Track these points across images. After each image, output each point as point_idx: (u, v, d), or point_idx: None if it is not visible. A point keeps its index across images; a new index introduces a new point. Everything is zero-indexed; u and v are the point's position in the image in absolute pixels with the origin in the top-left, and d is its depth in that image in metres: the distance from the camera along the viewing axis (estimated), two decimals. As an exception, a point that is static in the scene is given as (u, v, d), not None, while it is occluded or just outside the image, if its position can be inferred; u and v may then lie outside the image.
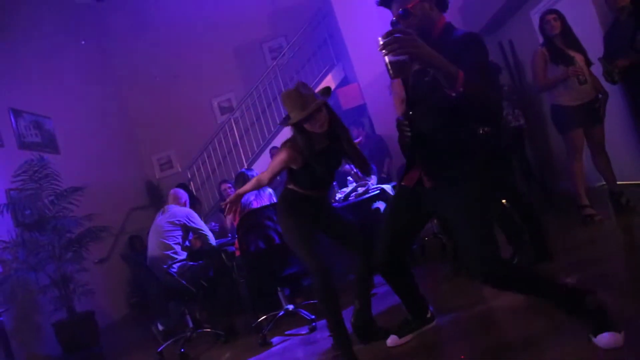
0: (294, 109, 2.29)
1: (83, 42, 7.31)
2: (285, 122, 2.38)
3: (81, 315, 4.98)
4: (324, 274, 2.32)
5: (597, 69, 3.52)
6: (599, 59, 3.37)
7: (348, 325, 2.44)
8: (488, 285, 1.82)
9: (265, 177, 2.52)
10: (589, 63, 3.53)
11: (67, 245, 5.07)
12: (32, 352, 4.67)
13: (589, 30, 4.05)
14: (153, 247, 3.64)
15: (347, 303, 2.81)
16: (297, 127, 2.32)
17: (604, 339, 1.66)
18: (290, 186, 2.49)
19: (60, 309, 4.91)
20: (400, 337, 2.37)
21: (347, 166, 4.49)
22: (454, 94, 1.62)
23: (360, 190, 4.01)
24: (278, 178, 2.63)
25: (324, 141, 2.39)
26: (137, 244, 6.62)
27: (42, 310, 4.93)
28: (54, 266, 4.92)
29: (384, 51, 1.51)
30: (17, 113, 5.68)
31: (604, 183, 3.77)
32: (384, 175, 5.40)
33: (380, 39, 1.52)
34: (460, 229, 1.83)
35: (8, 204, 4.87)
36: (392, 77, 1.57)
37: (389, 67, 1.52)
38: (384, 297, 3.32)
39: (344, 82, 6.96)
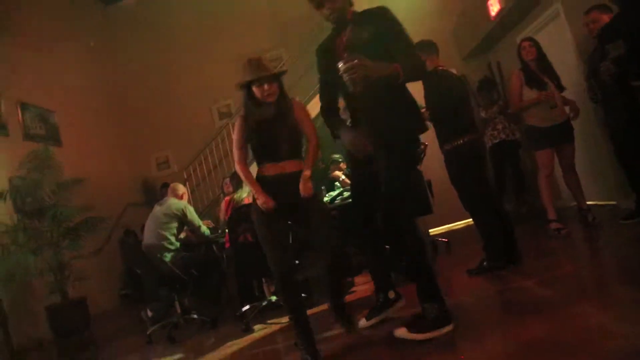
0: (250, 71, 2.34)
1: (92, 44, 7.59)
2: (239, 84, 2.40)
3: (74, 300, 5.17)
4: (281, 278, 2.33)
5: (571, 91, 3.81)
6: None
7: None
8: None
9: (235, 155, 2.49)
10: (561, 88, 3.80)
11: (65, 233, 5.27)
12: (25, 334, 4.83)
13: (567, 58, 4.37)
14: (149, 236, 3.86)
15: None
16: (248, 92, 2.38)
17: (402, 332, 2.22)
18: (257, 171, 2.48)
19: (54, 293, 5.10)
20: (367, 320, 2.66)
21: (335, 171, 4.78)
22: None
23: (346, 194, 4.25)
24: None
25: (271, 111, 2.38)
26: (131, 237, 6.82)
27: (37, 294, 5.12)
28: (51, 252, 5.12)
29: (345, 74, 1.99)
30: (24, 106, 5.92)
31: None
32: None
33: (341, 64, 1.99)
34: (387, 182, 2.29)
35: (10, 191, 5.09)
36: (354, 90, 2.04)
37: (350, 84, 2.02)
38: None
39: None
